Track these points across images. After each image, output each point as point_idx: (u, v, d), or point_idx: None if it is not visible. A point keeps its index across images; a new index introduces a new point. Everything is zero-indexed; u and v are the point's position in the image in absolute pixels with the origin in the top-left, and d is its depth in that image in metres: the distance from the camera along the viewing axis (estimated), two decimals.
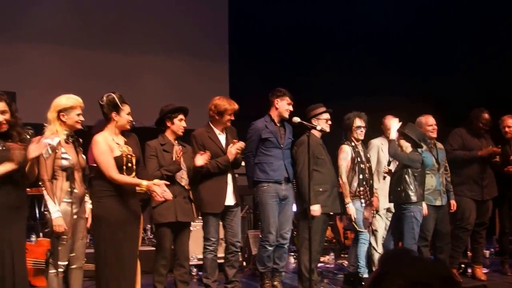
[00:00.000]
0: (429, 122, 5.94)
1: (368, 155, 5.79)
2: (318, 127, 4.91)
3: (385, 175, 5.68)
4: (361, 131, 5.58)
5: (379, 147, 6.08)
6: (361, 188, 5.51)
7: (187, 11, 9.82)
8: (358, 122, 5.57)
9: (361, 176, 5.51)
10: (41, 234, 6.45)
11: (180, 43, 9.67)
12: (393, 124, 5.33)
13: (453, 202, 6.04)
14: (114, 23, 9.26)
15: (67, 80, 8.12)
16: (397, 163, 5.50)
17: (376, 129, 6.14)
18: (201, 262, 5.56)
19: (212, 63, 9.92)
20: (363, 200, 5.52)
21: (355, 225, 5.56)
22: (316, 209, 5.08)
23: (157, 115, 5.10)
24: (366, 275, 5.53)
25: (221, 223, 5.35)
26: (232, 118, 5.24)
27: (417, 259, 1.47)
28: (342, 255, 7.15)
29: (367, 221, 5.58)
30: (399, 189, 5.27)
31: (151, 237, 6.81)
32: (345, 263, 6.60)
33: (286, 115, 5.42)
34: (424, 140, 5.64)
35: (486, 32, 8.63)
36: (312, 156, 4.96)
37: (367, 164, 5.63)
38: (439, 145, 6.03)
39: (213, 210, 5.15)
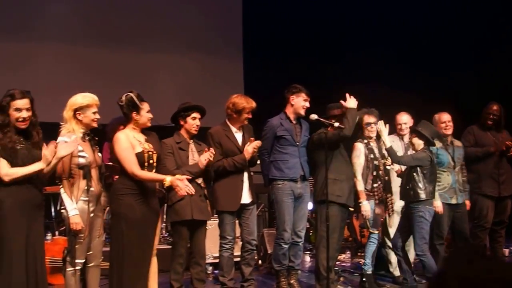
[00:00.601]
0: (442, 119, 5.88)
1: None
2: (336, 124, 4.86)
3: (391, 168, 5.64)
4: (371, 128, 5.50)
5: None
6: (375, 185, 5.47)
7: (201, 9, 9.81)
8: (367, 119, 5.50)
9: (375, 173, 5.47)
10: (56, 233, 6.48)
11: (194, 42, 9.65)
12: (384, 131, 5.25)
13: (467, 202, 5.96)
14: (128, 23, 9.27)
15: (81, 80, 8.12)
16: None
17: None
18: (217, 260, 5.56)
19: (226, 61, 9.90)
20: (376, 197, 5.48)
21: (368, 224, 5.53)
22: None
23: (171, 114, 5.10)
24: (369, 272, 5.51)
25: (237, 221, 5.33)
26: (250, 116, 5.21)
27: (480, 259, 1.32)
28: (359, 254, 7.09)
29: (379, 217, 5.51)
30: (408, 187, 5.23)
31: (166, 235, 6.81)
32: (362, 261, 6.54)
33: (302, 112, 5.38)
34: (439, 137, 5.58)
35: (505, 27, 8.53)
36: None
37: (382, 161, 5.57)
38: (457, 142, 5.96)
39: (229, 208, 5.14)
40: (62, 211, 4.13)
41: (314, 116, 4.83)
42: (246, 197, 5.20)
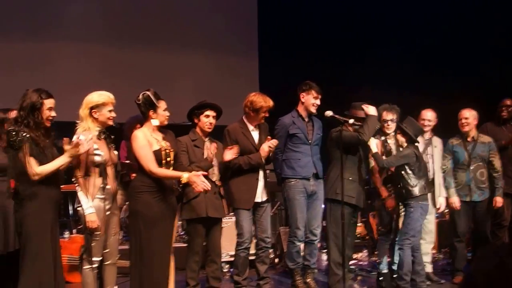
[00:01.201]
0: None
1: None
2: (351, 121, 4.83)
3: None
4: (388, 125, 5.42)
5: None
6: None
7: (216, 8, 9.82)
8: (386, 115, 5.44)
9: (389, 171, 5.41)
10: (74, 231, 6.52)
11: (210, 41, 9.66)
12: (372, 140, 5.15)
13: (496, 199, 5.79)
14: (145, 22, 9.31)
15: (98, 79, 8.19)
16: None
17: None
18: (232, 259, 5.55)
19: (242, 59, 9.90)
20: (392, 195, 5.42)
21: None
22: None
23: (186, 112, 5.11)
24: (385, 271, 5.45)
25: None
26: (267, 115, 5.20)
27: (507, 258, 1.28)
28: (376, 252, 7.02)
29: (392, 210, 5.38)
30: (399, 186, 5.17)
31: (181, 233, 6.81)
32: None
33: (313, 110, 5.34)
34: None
35: None
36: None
37: None
38: (484, 138, 5.83)
39: (244, 206, 5.13)
40: (78, 209, 4.15)
41: (329, 113, 4.79)
42: (260, 195, 5.19)
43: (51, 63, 8.62)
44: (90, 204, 4.05)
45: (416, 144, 5.23)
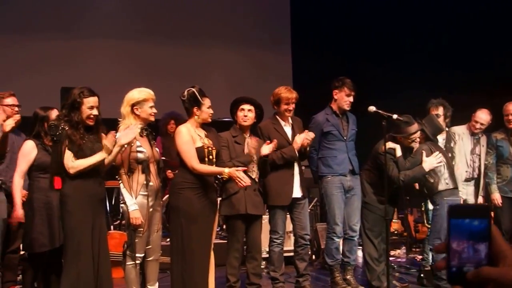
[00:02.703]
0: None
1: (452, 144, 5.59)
2: (394, 116, 4.74)
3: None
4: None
5: (460, 136, 5.81)
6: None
7: (249, 3, 9.80)
8: (435, 111, 5.34)
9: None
10: (111, 227, 6.57)
11: (242, 36, 9.67)
12: (397, 147, 5.01)
13: None
14: (176, 18, 9.36)
15: (133, 76, 8.23)
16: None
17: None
18: (267, 255, 5.52)
19: (274, 55, 9.87)
20: None
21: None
22: None
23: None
24: (427, 268, 5.36)
25: (288, 216, 5.27)
26: (290, 108, 5.10)
27: None
28: (414, 249, 6.95)
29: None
30: (421, 184, 5.08)
31: (217, 230, 6.80)
32: (418, 257, 6.42)
33: (346, 107, 5.28)
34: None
35: None
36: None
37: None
38: None
39: (281, 203, 5.08)
40: (122, 205, 4.17)
41: (372, 108, 4.71)
42: (297, 191, 5.14)
43: (85, 60, 8.71)
44: (133, 201, 4.07)
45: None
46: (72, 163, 3.79)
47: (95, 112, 3.90)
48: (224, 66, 9.54)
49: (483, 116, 5.68)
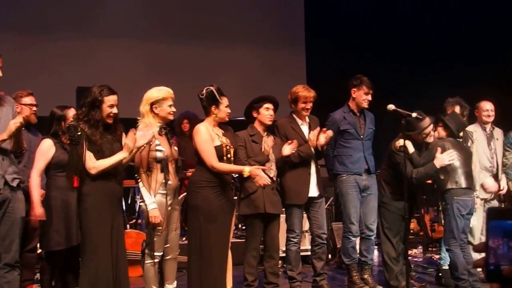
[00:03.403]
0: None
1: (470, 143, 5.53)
2: (414, 115, 4.71)
3: None
4: None
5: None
6: None
7: (262, 2, 9.79)
8: (449, 110, 5.30)
9: None
10: (128, 226, 6.58)
11: (255, 36, 9.66)
12: (409, 144, 4.95)
13: None
14: (189, 18, 9.37)
15: (143, 75, 8.27)
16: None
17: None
18: (283, 254, 5.50)
19: (288, 54, 9.86)
20: None
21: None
22: None
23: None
24: (445, 267, 5.31)
25: (305, 215, 5.25)
26: (308, 106, 5.08)
27: None
28: (430, 249, 6.90)
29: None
30: (434, 178, 5.03)
31: (233, 229, 6.79)
32: (435, 257, 6.38)
33: (364, 105, 5.26)
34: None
35: None
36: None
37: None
38: None
39: (297, 202, 5.06)
40: (141, 204, 4.18)
41: (391, 107, 4.67)
42: (314, 190, 5.11)
43: (100, 60, 8.74)
44: (152, 199, 4.07)
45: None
46: (93, 163, 3.80)
47: (115, 110, 3.91)
48: (238, 65, 9.53)
49: (487, 105, 5.65)
